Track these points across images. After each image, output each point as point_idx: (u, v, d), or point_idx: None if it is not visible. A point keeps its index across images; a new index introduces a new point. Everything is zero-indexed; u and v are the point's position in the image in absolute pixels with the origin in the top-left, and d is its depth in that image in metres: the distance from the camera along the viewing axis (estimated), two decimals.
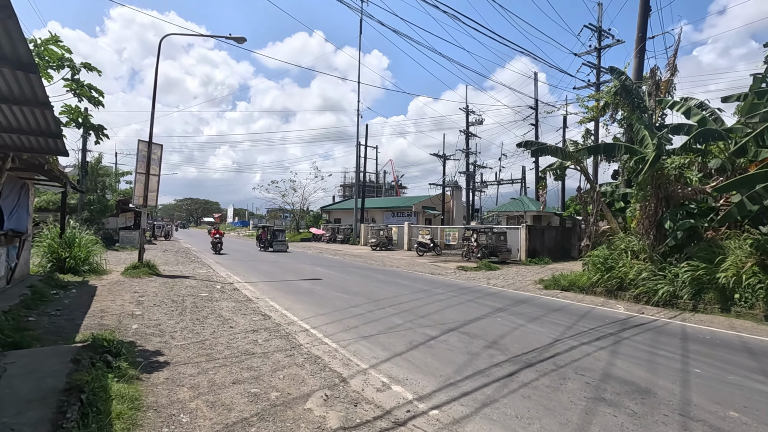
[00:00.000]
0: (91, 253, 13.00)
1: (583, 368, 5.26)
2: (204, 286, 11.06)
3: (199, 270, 15.03)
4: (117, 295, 9.26)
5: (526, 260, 20.20)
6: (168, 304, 8.46)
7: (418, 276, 15.22)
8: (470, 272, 16.92)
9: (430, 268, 18.21)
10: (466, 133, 34.64)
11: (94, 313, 7.42)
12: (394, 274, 15.45)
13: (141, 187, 13.38)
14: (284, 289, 11.13)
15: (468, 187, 35.13)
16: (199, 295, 9.75)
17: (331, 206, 47.87)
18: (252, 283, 12.16)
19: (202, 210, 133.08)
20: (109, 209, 25.30)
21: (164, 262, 17.38)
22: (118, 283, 11.00)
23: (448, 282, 13.74)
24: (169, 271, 14.15)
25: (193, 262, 18.20)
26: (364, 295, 10.33)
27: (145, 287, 10.53)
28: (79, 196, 23.66)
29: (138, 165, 13.30)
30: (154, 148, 13.68)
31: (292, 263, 18.91)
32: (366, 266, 18.55)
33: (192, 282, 11.77)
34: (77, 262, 12.35)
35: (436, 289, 11.74)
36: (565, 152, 13.53)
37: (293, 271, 15.72)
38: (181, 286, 10.96)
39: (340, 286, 11.77)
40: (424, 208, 34.26)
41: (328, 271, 15.66)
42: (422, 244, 24.68)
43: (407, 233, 29.26)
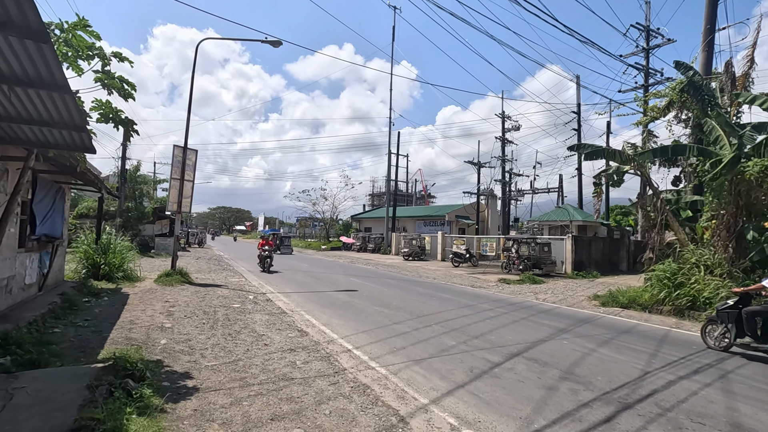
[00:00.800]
0: (126, 260, 12.79)
1: (698, 413, 4.22)
2: (236, 296, 10.53)
3: (231, 279, 14.62)
4: (148, 305, 8.81)
5: (573, 273, 18.79)
6: (199, 316, 7.90)
7: (459, 289, 14.24)
8: (513, 285, 15.78)
9: (469, 280, 17.16)
10: (502, 140, 33.41)
11: (122, 325, 6.92)
12: (433, 287, 14.53)
13: (175, 193, 13.13)
14: (320, 302, 10.44)
15: (504, 196, 33.76)
16: (231, 306, 9.19)
17: (362, 215, 47.40)
18: (286, 294, 11.55)
19: (234, 218, 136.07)
20: (146, 216, 25.65)
21: (197, 269, 17.15)
22: (150, 291, 10.63)
23: (492, 296, 12.70)
24: (202, 279, 13.78)
25: (225, 270, 17.89)
26: (406, 310, 9.49)
27: (177, 296, 10.10)
28: (117, 203, 24.08)
29: (173, 170, 13.08)
30: (188, 154, 13.44)
31: (326, 273, 18.30)
32: (401, 277, 17.70)
33: (224, 291, 11.28)
34: (111, 268, 12.14)
35: (483, 305, 10.75)
36: (625, 155, 12.30)
37: (328, 281, 15.07)
38: (213, 295, 10.47)
39: (379, 299, 10.98)
40: (458, 217, 33.16)
41: (363, 282, 14.92)
42: (458, 254, 23.61)
43: (441, 243, 28.24)
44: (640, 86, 26.69)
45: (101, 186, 10.11)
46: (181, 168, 13.20)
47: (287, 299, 10.66)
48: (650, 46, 26.63)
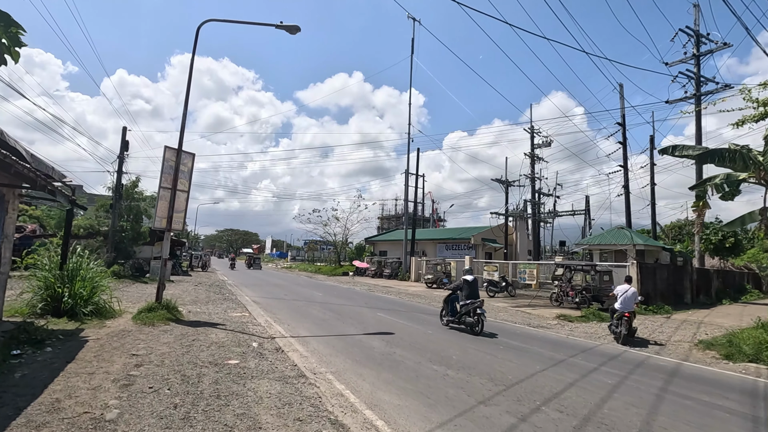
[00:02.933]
0: (98, 290, 10.05)
1: None
2: (235, 344, 7.67)
3: (232, 313, 11.79)
4: (103, 362, 6.00)
5: (640, 308, 15.65)
6: (173, 387, 5.06)
7: (519, 330, 11.24)
8: (579, 324, 12.74)
9: (519, 316, 14.13)
10: (531, 156, 30.74)
11: (35, 411, 4.12)
12: None
13: (165, 205, 10.50)
14: (350, 353, 7.54)
15: (534, 218, 30.82)
16: (225, 363, 6.33)
17: (376, 237, 44.56)
18: (301, 339, 8.68)
19: (242, 241, 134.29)
20: (143, 237, 23.07)
21: (192, 300, 14.35)
22: (119, 336, 7.82)
23: (570, 343, 9.70)
24: (195, 315, 10.97)
25: (227, 300, 15.07)
26: (479, 372, 6.56)
27: (153, 344, 7.27)
28: (110, 223, 21.56)
29: (162, 178, 10.49)
30: (183, 158, 10.89)
31: (346, 305, 15.38)
32: (435, 311, 14.71)
33: (220, 334, 8.44)
34: (77, 301, 9.40)
35: (576, 359, 7.78)
36: (749, 159, 9.46)
37: (351, 317, 12.15)
38: (203, 342, 7.63)
39: (428, 349, 8.05)
40: (485, 240, 30.18)
41: (395, 320, 11.98)
42: (493, 282, 20.60)
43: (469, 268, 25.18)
44: (691, 96, 24.10)
45: (54, 191, 7.48)
46: (173, 175, 10.62)
47: (304, 349, 7.78)
48: (701, 52, 24.17)
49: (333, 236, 43.44)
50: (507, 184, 30.33)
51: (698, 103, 23.60)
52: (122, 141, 22.09)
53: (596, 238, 21.01)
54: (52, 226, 33.44)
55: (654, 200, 26.77)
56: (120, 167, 21.65)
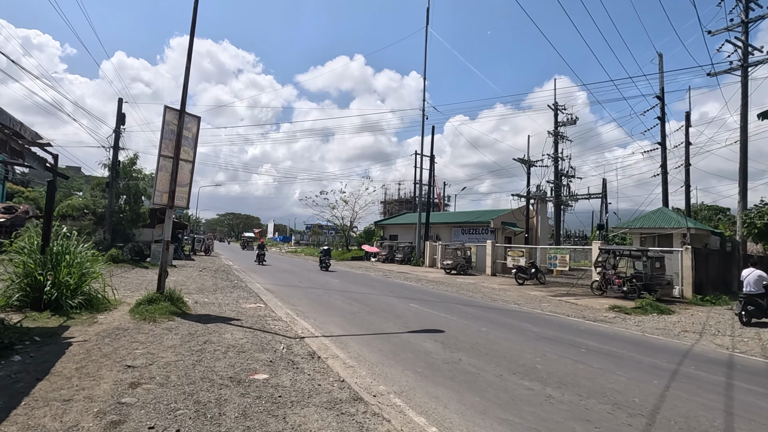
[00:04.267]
0: (88, 277, 8.45)
1: None
2: (257, 348, 6.09)
3: (245, 304, 10.22)
4: (87, 379, 4.41)
5: (694, 297, 14.11)
6: (183, 424, 3.46)
7: (581, 326, 9.66)
8: (637, 316, 11.20)
9: (567, 308, 12.56)
10: (555, 135, 28.81)
11: None
12: (537, 321, 9.99)
13: (165, 178, 8.81)
14: (405, 361, 5.95)
15: (557, 200, 29.06)
16: (251, 379, 4.74)
17: (386, 221, 42.87)
18: (336, 340, 7.10)
19: (243, 225, 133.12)
20: (142, 218, 21.42)
21: (198, 288, 12.79)
22: (112, 336, 6.24)
23: (652, 342, 8.12)
24: (202, 306, 9.41)
25: (236, 288, 13.51)
26: (590, 391, 4.97)
27: (154, 348, 5.68)
28: (107, 203, 19.88)
29: (163, 145, 8.76)
30: (187, 121, 9.14)
31: (370, 294, 13.82)
32: (469, 301, 13.17)
33: (236, 334, 6.85)
34: (63, 291, 7.81)
35: (688, 368, 6.19)
36: None
37: (382, 309, 10.58)
38: (217, 346, 6.04)
39: (500, 355, 6.47)
40: (504, 224, 28.51)
41: (433, 312, 10.42)
42: (522, 269, 19.02)
43: (491, 254, 23.64)
44: (737, 67, 22.07)
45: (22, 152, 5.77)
46: (175, 141, 8.89)
47: (345, 353, 6.19)
48: (749, 18, 22.05)
49: (341, 219, 41.81)
50: (529, 164, 28.50)
51: (745, 75, 21.63)
52: (118, 113, 20.26)
53: (637, 220, 19.35)
54: None
55: (689, 182, 25.02)
56: (116, 142, 19.86)
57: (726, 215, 50.81)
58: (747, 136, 21.47)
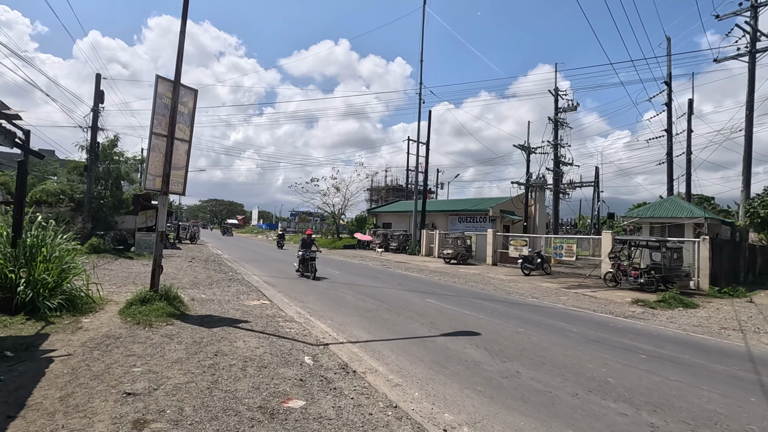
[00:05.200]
0: (69, 273, 7.30)
1: None
2: (279, 360, 5.14)
3: (247, 300, 9.22)
4: (75, 415, 3.40)
5: (711, 289, 13.67)
6: None
7: (614, 324, 8.98)
8: (663, 310, 10.62)
9: (586, 301, 11.93)
10: (555, 121, 28.13)
11: None
12: (567, 317, 9.28)
13: (159, 159, 7.64)
14: (457, 375, 5.09)
15: (557, 188, 28.54)
16: (285, 407, 3.80)
17: (379, 208, 41.89)
18: (365, 347, 6.19)
19: (227, 211, 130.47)
20: (125, 205, 19.95)
21: (192, 281, 11.69)
22: (102, 348, 5.19)
23: (700, 342, 7.48)
24: (201, 304, 8.37)
25: (233, 281, 12.46)
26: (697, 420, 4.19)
27: (157, 364, 4.68)
28: (86, 188, 18.36)
29: (155, 121, 7.56)
30: (182, 94, 7.94)
31: (379, 288, 12.92)
32: (485, 295, 12.42)
33: (250, 341, 5.88)
34: (40, 291, 6.67)
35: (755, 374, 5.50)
36: None
37: (399, 305, 9.69)
38: (232, 358, 5.06)
39: (559, 365, 5.67)
40: (503, 212, 27.88)
41: (458, 310, 9.59)
42: (528, 259, 18.39)
43: (492, 244, 22.99)
44: (745, 53, 21.60)
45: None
46: (169, 117, 7.70)
47: (383, 366, 5.29)
48: (759, 2, 21.51)
49: (332, 207, 40.64)
50: (529, 151, 27.81)
51: (753, 61, 21.18)
52: (96, 91, 18.61)
53: (648, 209, 18.86)
54: None
55: (690, 170, 24.75)
56: (95, 122, 18.26)
57: (711, 204, 51.42)
58: (753, 125, 21.16)
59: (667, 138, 23.30)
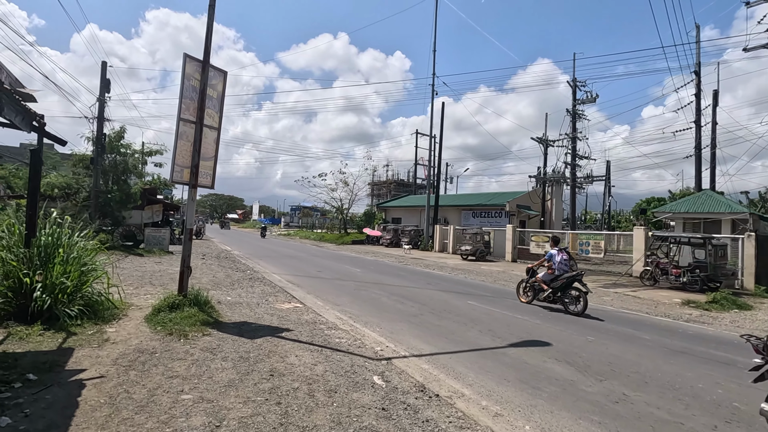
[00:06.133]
0: (90, 276, 6.53)
1: None
2: (345, 381, 4.39)
3: (277, 303, 8.47)
4: None
5: (757, 289, 12.96)
6: None
7: (680, 328, 8.26)
8: (719, 313, 9.91)
9: (630, 302, 11.21)
10: (573, 113, 27.31)
11: None
12: (628, 323, 8.56)
13: (186, 148, 6.84)
14: (553, 396, 4.35)
15: (574, 182, 27.76)
16: None
17: (388, 203, 41.08)
18: (430, 360, 5.45)
19: (227, 206, 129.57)
20: (133, 199, 19.13)
21: (212, 281, 10.93)
22: (137, 366, 4.44)
23: None
24: (230, 308, 7.63)
25: (254, 280, 11.71)
26: None
27: (208, 389, 3.93)
28: (92, 181, 17.52)
29: (183, 105, 6.75)
30: (211, 76, 7.13)
31: (409, 287, 12.18)
32: None
33: (302, 355, 5.13)
34: (58, 295, 5.90)
35: None
36: None
37: (442, 308, 8.94)
38: (290, 380, 4.32)
39: (656, 382, 4.94)
40: (520, 207, 27.12)
41: (505, 313, 8.84)
42: None
43: (512, 240, 22.25)
44: None
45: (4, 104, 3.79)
46: (197, 101, 6.89)
47: (465, 386, 4.54)
48: None
49: (339, 201, 39.82)
50: (546, 144, 27.00)
51: None
52: (102, 80, 17.72)
53: (681, 204, 18.13)
54: (20, 187, 28.88)
55: (714, 164, 23.99)
56: (101, 112, 17.38)
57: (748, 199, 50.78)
58: None
59: (695, 130, 22.50)
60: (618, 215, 60.85)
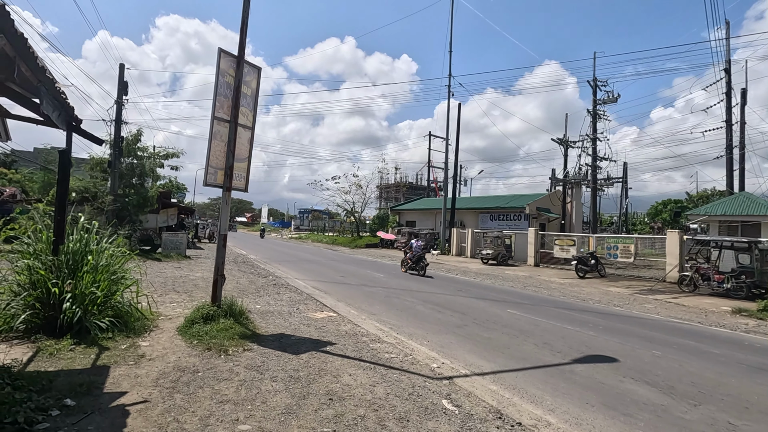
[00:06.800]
0: (120, 285, 6.14)
1: None
2: (414, 407, 3.92)
3: (309, 312, 8.02)
4: None
5: None
6: None
7: (746, 341, 7.66)
8: None
9: (677, 310, 10.61)
10: (593, 113, 26.67)
11: None
12: (684, 333, 7.98)
13: (220, 149, 6.43)
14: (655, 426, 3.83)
15: (594, 184, 27.07)
16: None
17: (402, 206, 40.60)
18: (494, 379, 4.96)
19: (236, 209, 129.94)
20: (150, 203, 18.88)
21: (237, 288, 10.53)
22: (181, 388, 4.01)
23: None
24: (262, 317, 7.22)
25: (279, 286, 11.30)
26: None
27: (264, 417, 3.48)
28: (109, 184, 17.28)
29: (217, 104, 6.35)
30: (245, 73, 6.73)
31: (440, 294, 11.69)
32: (563, 303, 11.13)
33: (357, 375, 4.67)
34: (88, 306, 5.51)
35: None
36: None
37: (486, 319, 8.43)
38: (353, 405, 3.86)
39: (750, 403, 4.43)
40: (539, 209, 26.50)
41: (551, 322, 8.31)
42: (583, 260, 17.04)
43: (534, 243, 21.64)
44: None
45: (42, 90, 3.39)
46: (232, 99, 6.49)
47: (548, 413, 4.05)
48: None
49: (352, 204, 39.44)
50: (566, 145, 26.38)
51: None
52: (120, 82, 17.51)
53: (717, 206, 17.43)
54: (36, 191, 28.83)
55: (743, 165, 23.21)
56: (118, 114, 17.16)
57: None
58: None
59: (726, 129, 21.79)
60: (633, 217, 59.81)
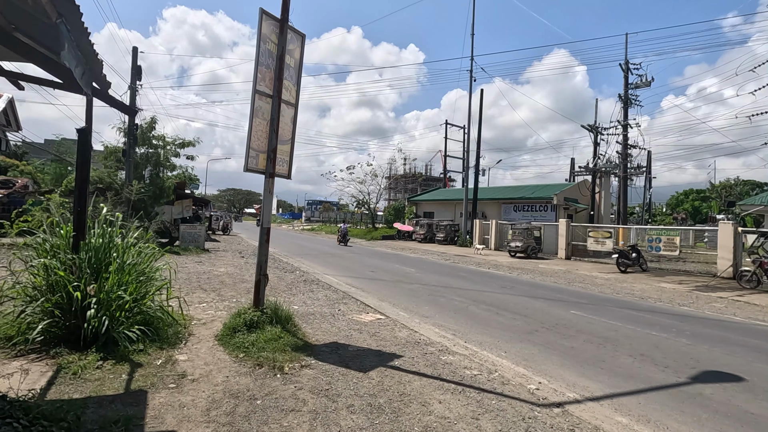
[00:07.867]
0: (149, 287, 5.30)
1: None
2: None
3: (355, 315, 7.16)
4: None
5: None
6: None
7: None
8: None
9: (752, 311, 9.59)
10: (625, 99, 25.31)
11: None
12: None
13: (263, 128, 5.52)
14: None
15: (624, 174, 25.83)
16: None
17: (419, 196, 39.59)
18: (610, 405, 4.05)
19: (245, 201, 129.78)
20: (166, 194, 18.12)
21: (267, 286, 9.65)
22: (239, 422, 3.14)
23: None
24: (304, 319, 6.39)
25: (308, 282, 10.48)
26: None
27: None
28: (125, 173, 16.53)
29: (259, 75, 5.40)
30: (289, 40, 5.76)
31: (484, 291, 10.78)
32: (621, 302, 10.17)
33: (443, 398, 3.78)
34: (115, 314, 4.67)
35: None
36: None
37: (554, 323, 7.50)
38: None
39: None
40: (567, 200, 25.36)
41: (630, 327, 7.36)
42: (624, 254, 16.01)
43: (565, 235, 20.58)
44: None
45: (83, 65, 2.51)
46: (275, 70, 5.55)
47: None
48: None
49: (367, 195, 38.51)
50: (597, 132, 25.12)
51: None
52: (133, 66, 16.65)
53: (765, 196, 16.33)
54: (47, 183, 28.29)
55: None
56: (132, 100, 16.33)
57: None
58: None
59: None
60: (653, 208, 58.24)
